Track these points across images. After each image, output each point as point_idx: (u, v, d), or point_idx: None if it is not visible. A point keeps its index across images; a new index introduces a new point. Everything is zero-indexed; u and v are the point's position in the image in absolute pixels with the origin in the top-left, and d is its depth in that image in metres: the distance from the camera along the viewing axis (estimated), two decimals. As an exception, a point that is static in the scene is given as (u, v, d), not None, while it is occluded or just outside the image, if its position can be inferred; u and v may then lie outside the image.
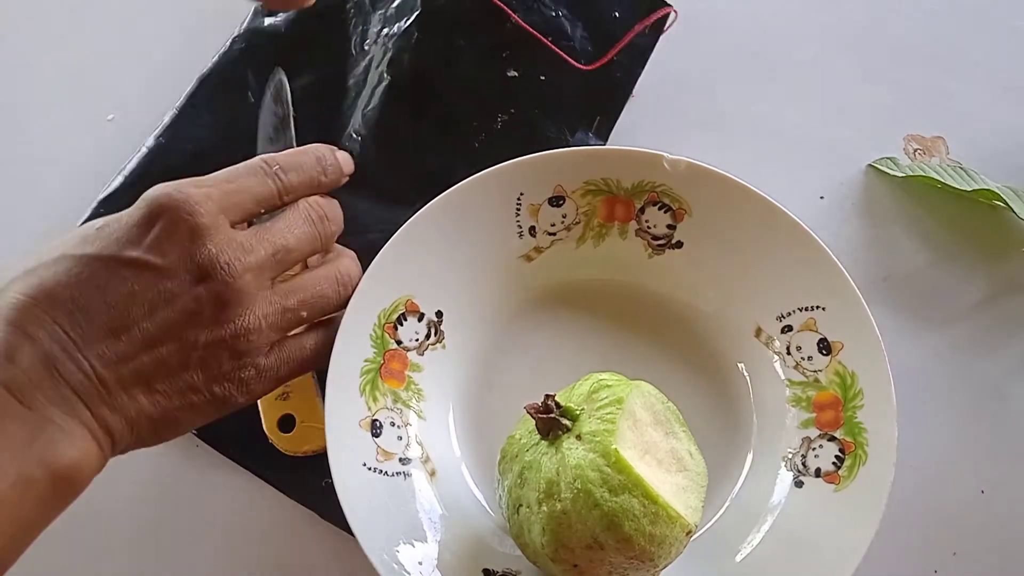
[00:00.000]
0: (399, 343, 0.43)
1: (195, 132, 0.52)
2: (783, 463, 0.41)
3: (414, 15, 0.51)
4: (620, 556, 0.33)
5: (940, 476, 0.44)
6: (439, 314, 0.44)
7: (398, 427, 0.41)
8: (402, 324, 0.43)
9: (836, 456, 0.40)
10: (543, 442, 0.36)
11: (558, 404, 0.35)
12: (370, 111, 0.51)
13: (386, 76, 0.51)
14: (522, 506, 0.35)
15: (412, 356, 0.43)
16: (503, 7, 0.50)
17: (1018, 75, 0.56)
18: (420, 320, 0.43)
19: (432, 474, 0.41)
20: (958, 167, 0.51)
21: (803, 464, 0.41)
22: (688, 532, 0.34)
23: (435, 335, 0.44)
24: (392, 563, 0.36)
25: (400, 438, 0.41)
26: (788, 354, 0.43)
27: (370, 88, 0.52)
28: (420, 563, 0.37)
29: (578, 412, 0.35)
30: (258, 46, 0.55)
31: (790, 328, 0.43)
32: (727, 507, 0.41)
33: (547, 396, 0.35)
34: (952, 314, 0.48)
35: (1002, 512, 0.44)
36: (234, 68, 0.54)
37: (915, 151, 0.53)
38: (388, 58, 0.52)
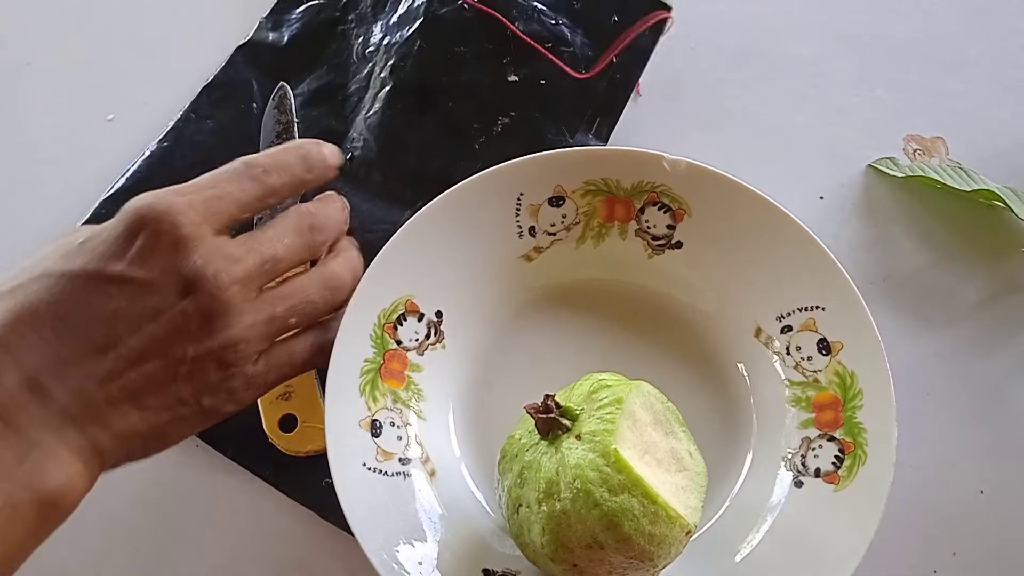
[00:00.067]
0: (399, 343, 0.43)
1: (198, 137, 0.53)
2: (783, 463, 0.41)
3: (416, 24, 0.52)
4: (620, 556, 0.33)
5: (940, 476, 0.44)
6: (439, 314, 0.44)
7: (398, 427, 0.41)
8: (402, 324, 0.43)
9: (836, 456, 0.40)
10: (543, 442, 0.36)
11: (558, 404, 0.35)
12: (372, 116, 0.51)
13: (388, 82, 0.51)
14: (522, 506, 0.35)
15: (412, 356, 0.43)
16: (502, 19, 0.51)
17: (1018, 75, 0.56)
18: (420, 320, 0.43)
19: (432, 474, 0.41)
20: (958, 167, 0.51)
21: (803, 464, 0.41)
22: (688, 532, 0.34)
23: (435, 335, 0.44)
24: (392, 563, 0.36)
25: (400, 438, 0.41)
26: (788, 354, 0.43)
27: (372, 94, 0.52)
28: (420, 563, 0.37)
29: (578, 412, 0.35)
30: (262, 56, 0.55)
31: (790, 328, 0.43)
32: (727, 507, 0.41)
33: (547, 396, 0.35)
34: (952, 314, 0.48)
35: (1002, 512, 0.44)
36: (238, 77, 0.55)
37: (915, 151, 0.53)
38: (390, 65, 0.52)
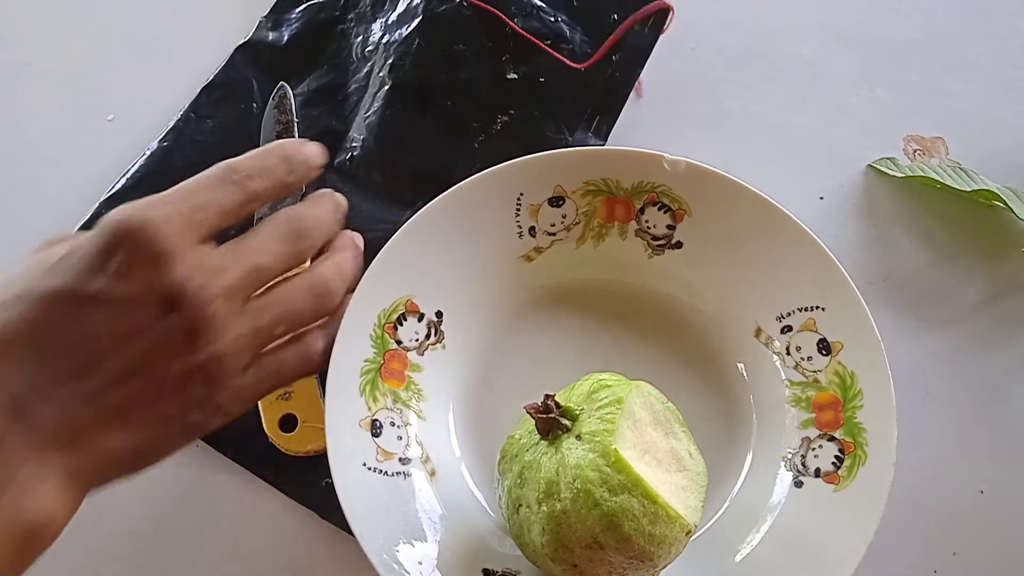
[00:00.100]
0: (399, 343, 0.43)
1: (198, 137, 0.53)
2: (783, 463, 0.41)
3: (415, 22, 0.52)
4: (620, 556, 0.33)
5: (940, 476, 0.44)
6: (439, 314, 0.44)
7: (398, 427, 0.41)
8: (402, 324, 0.43)
9: (836, 456, 0.40)
10: (543, 442, 0.36)
11: (558, 404, 0.35)
12: (371, 115, 0.51)
13: (387, 81, 0.51)
14: (522, 506, 0.35)
15: (412, 356, 0.43)
16: (501, 16, 0.51)
17: (1018, 75, 0.56)
18: (420, 320, 0.43)
19: (432, 474, 0.41)
20: (958, 167, 0.51)
21: (803, 464, 0.41)
22: (688, 532, 0.34)
23: (435, 335, 0.44)
24: (392, 563, 0.36)
25: (400, 438, 0.41)
26: (788, 354, 0.43)
27: (371, 94, 0.52)
28: (420, 563, 0.37)
29: (578, 412, 0.35)
30: (261, 55, 0.55)
31: (790, 328, 0.43)
32: (727, 507, 0.41)
33: (547, 396, 0.35)
34: (952, 314, 0.48)
35: (1002, 512, 0.44)
36: (238, 77, 0.55)
37: (915, 151, 0.53)
38: (389, 64, 0.52)
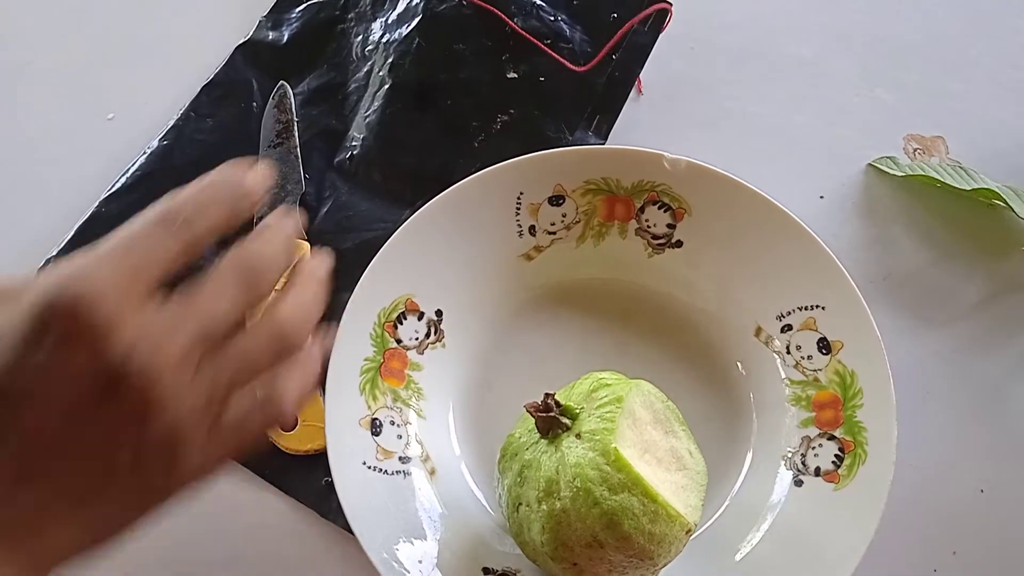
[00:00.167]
0: (399, 342, 0.43)
1: (198, 136, 0.53)
2: (783, 462, 0.41)
3: (415, 21, 0.52)
4: (620, 554, 0.33)
5: (940, 476, 0.44)
6: (439, 313, 0.44)
7: (398, 426, 0.41)
8: (402, 323, 0.43)
9: (836, 455, 0.40)
10: (543, 441, 0.36)
11: (558, 403, 0.35)
12: (371, 115, 0.51)
13: (387, 80, 0.51)
14: (522, 504, 0.35)
15: (412, 355, 0.43)
16: (501, 15, 0.51)
17: (1018, 75, 0.56)
18: (420, 319, 0.43)
19: (432, 473, 0.41)
20: (958, 167, 0.51)
21: (803, 463, 0.41)
22: (688, 531, 0.34)
23: (435, 334, 0.44)
24: (392, 561, 0.36)
25: (400, 437, 0.41)
26: (788, 353, 0.43)
27: (371, 93, 0.52)
28: (420, 561, 0.37)
29: (578, 411, 0.35)
30: (261, 55, 0.55)
31: (790, 327, 0.43)
32: (727, 506, 0.41)
33: (547, 395, 0.35)
34: (952, 314, 0.48)
35: (1002, 512, 0.44)
36: (238, 76, 0.55)
37: (915, 151, 0.53)
38: (389, 63, 0.52)
